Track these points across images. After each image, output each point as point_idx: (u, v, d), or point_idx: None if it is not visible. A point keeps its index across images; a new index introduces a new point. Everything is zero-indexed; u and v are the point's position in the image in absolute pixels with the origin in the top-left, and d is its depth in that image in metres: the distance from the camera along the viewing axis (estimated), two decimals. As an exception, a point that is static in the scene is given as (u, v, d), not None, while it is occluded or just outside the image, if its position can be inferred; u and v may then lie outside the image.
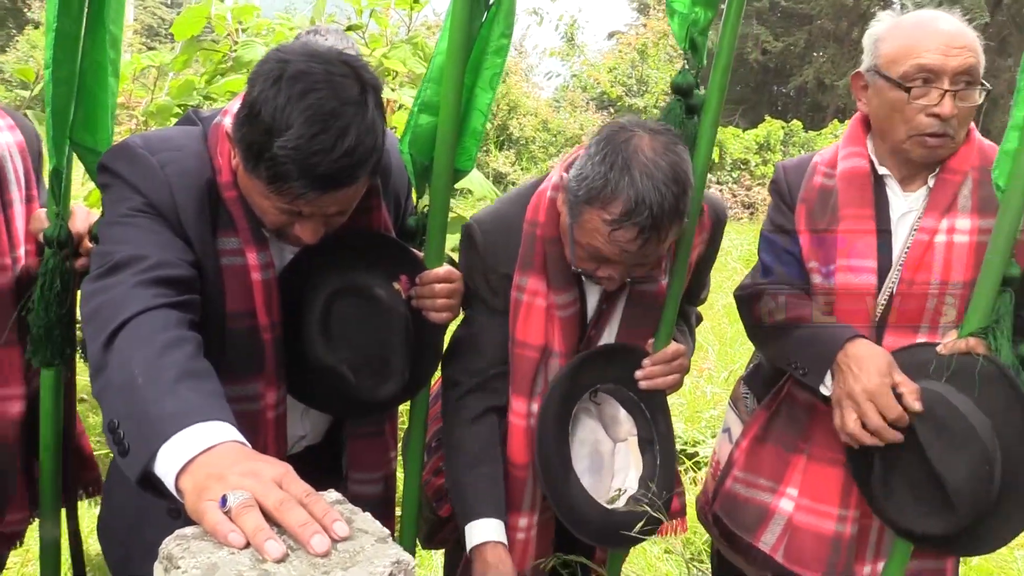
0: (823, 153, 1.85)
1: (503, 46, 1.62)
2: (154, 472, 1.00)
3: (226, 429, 1.00)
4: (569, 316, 1.67)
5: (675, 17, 1.60)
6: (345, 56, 1.29)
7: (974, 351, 1.53)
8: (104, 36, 1.51)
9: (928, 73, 1.59)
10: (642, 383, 1.71)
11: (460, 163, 1.67)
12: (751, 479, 1.87)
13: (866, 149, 1.76)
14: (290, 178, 1.23)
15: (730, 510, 1.88)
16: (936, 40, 1.60)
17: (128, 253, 1.25)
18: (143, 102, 4.22)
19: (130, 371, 1.08)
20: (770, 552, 1.80)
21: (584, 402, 1.75)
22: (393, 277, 1.57)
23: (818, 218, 1.76)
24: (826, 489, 1.75)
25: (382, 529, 0.90)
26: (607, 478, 1.77)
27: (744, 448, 1.90)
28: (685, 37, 1.59)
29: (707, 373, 4.97)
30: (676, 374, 1.73)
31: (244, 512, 0.85)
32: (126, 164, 1.35)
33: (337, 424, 1.71)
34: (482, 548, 1.62)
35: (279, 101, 1.21)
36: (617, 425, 1.79)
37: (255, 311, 1.42)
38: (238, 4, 3.93)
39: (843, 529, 1.73)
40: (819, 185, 1.79)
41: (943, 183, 1.67)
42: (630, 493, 1.73)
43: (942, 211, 1.66)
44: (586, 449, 1.76)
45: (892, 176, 1.73)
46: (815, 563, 1.75)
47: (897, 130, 1.65)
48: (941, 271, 1.63)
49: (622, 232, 1.44)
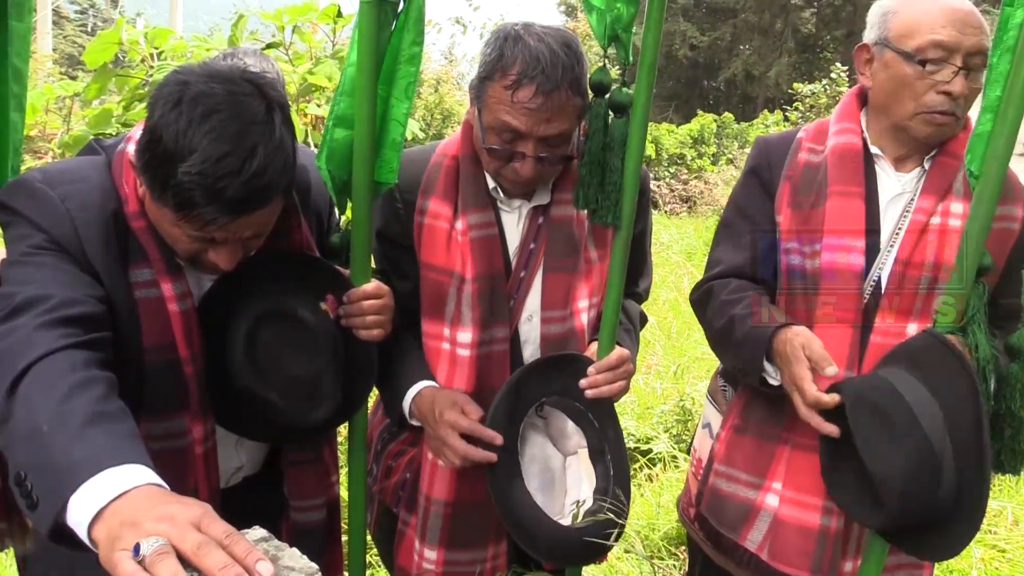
0: (808, 128, 1.78)
1: (415, 54, 1.59)
2: (67, 524, 0.95)
3: (140, 472, 0.96)
4: (483, 237, 1.66)
5: (593, 13, 1.54)
6: (248, 74, 1.25)
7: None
8: (6, 69, 1.44)
9: (943, 50, 1.54)
10: (588, 392, 1.67)
11: (382, 176, 1.63)
12: (732, 472, 1.77)
13: (859, 126, 1.71)
14: (198, 204, 1.18)
15: (714, 508, 1.79)
16: (952, 17, 1.54)
17: (30, 294, 1.19)
18: (58, 133, 4.10)
19: (35, 419, 1.02)
20: (756, 551, 1.71)
21: (531, 417, 1.71)
22: (319, 297, 1.52)
23: (803, 195, 1.69)
24: (810, 479, 1.65)
25: (310, 565, 0.87)
26: (560, 494, 1.74)
27: (724, 439, 1.80)
28: (604, 34, 1.54)
29: (655, 369, 4.99)
30: (622, 381, 1.69)
31: (158, 560, 0.82)
32: (24, 200, 1.29)
33: (276, 452, 1.66)
34: (417, 396, 1.66)
35: (180, 125, 1.17)
36: (566, 439, 1.76)
37: (175, 344, 1.37)
38: (151, 28, 3.83)
39: (828, 522, 1.65)
40: (804, 162, 1.72)
41: (941, 166, 1.63)
42: (587, 507, 1.69)
43: (939, 193, 1.61)
44: (536, 466, 1.72)
45: (885, 155, 1.68)
46: (800, 559, 1.66)
47: (905, 106, 1.60)
48: (935, 253, 1.59)
49: (522, 91, 1.51)
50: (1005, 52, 1.41)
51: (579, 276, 1.72)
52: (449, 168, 1.70)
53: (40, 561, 1.53)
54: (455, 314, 1.68)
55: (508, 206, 1.72)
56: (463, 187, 1.68)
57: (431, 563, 1.75)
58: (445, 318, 1.69)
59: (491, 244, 1.68)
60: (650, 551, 3.17)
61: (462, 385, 1.68)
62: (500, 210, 1.72)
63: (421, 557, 1.77)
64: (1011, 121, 1.39)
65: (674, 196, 14.98)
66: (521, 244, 1.73)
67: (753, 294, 1.71)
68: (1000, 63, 1.42)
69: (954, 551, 1.50)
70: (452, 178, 1.69)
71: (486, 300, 1.67)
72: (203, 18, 20.49)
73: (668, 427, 4.22)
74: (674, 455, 3.94)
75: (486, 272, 1.66)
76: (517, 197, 1.72)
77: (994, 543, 3.22)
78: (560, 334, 1.72)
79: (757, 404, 1.76)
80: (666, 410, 4.36)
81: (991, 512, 3.47)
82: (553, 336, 1.72)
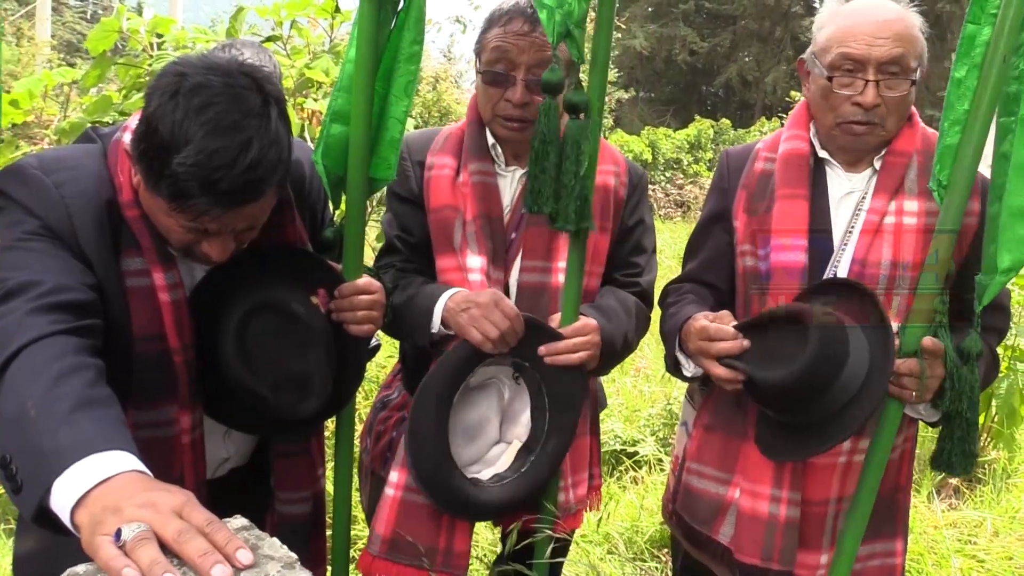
0: (766, 139, 1.85)
1: (415, 53, 1.60)
2: (50, 507, 0.96)
3: (125, 459, 0.97)
4: (482, 183, 1.80)
5: (544, 11, 1.49)
6: (246, 67, 1.26)
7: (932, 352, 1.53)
8: None
9: (853, 62, 1.61)
10: (546, 359, 1.69)
11: (379, 172, 1.64)
12: (702, 469, 1.82)
13: (807, 132, 1.77)
14: (192, 195, 1.19)
15: (687, 504, 1.84)
16: (864, 29, 1.61)
17: (22, 279, 1.19)
18: (55, 120, 4.09)
19: (22, 403, 1.03)
20: (728, 543, 1.75)
21: (504, 375, 1.75)
22: (311, 291, 1.53)
23: (757, 201, 1.76)
24: (760, 469, 1.72)
25: (289, 555, 0.88)
26: (473, 452, 1.77)
27: (695, 437, 1.86)
28: (554, 31, 1.49)
29: (643, 372, 5.01)
30: (584, 351, 1.69)
31: (139, 545, 0.83)
32: (19, 186, 1.29)
33: (263, 444, 1.67)
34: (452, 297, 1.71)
35: (177, 116, 1.17)
36: (514, 426, 1.78)
37: (165, 334, 1.37)
38: (155, 17, 3.82)
39: (777, 511, 1.69)
40: (760, 170, 1.79)
41: (890, 165, 1.68)
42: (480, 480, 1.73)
43: (890, 192, 1.67)
44: (475, 415, 1.76)
45: (834, 159, 1.74)
46: (751, 547, 1.71)
47: (826, 117, 1.68)
48: (892, 252, 1.63)
49: (513, 24, 1.70)
50: (972, 68, 1.47)
51: (560, 235, 1.78)
52: (455, 134, 1.87)
53: (25, 562, 1.53)
54: (462, 243, 1.78)
55: (503, 170, 1.84)
56: (467, 143, 1.83)
57: (392, 486, 1.77)
58: (454, 246, 1.78)
59: (489, 189, 1.80)
60: (633, 553, 3.19)
61: None
62: (497, 173, 1.83)
63: (384, 483, 1.80)
64: (978, 133, 1.46)
65: (669, 200, 15.02)
66: (513, 207, 1.83)
67: (689, 295, 1.84)
68: (968, 78, 1.48)
69: (811, 450, 1.61)
70: (458, 140, 1.85)
71: (487, 238, 1.78)
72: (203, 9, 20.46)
73: (655, 430, 4.24)
74: (659, 458, 3.96)
75: (484, 212, 1.78)
76: (512, 163, 1.84)
77: (973, 553, 3.24)
78: (534, 284, 1.79)
79: (724, 403, 1.82)
80: (653, 413, 4.38)
81: (971, 522, 3.51)
82: (527, 285, 1.79)
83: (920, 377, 1.53)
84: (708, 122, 17.37)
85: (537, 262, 1.80)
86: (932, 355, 1.53)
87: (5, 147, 3.96)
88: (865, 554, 1.74)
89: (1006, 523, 3.52)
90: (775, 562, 1.69)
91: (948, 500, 3.80)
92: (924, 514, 3.52)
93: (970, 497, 3.82)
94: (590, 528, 3.18)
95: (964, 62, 1.48)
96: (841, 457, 1.69)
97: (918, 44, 1.63)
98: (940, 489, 3.85)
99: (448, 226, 1.79)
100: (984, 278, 1.49)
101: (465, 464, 1.74)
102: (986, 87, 1.44)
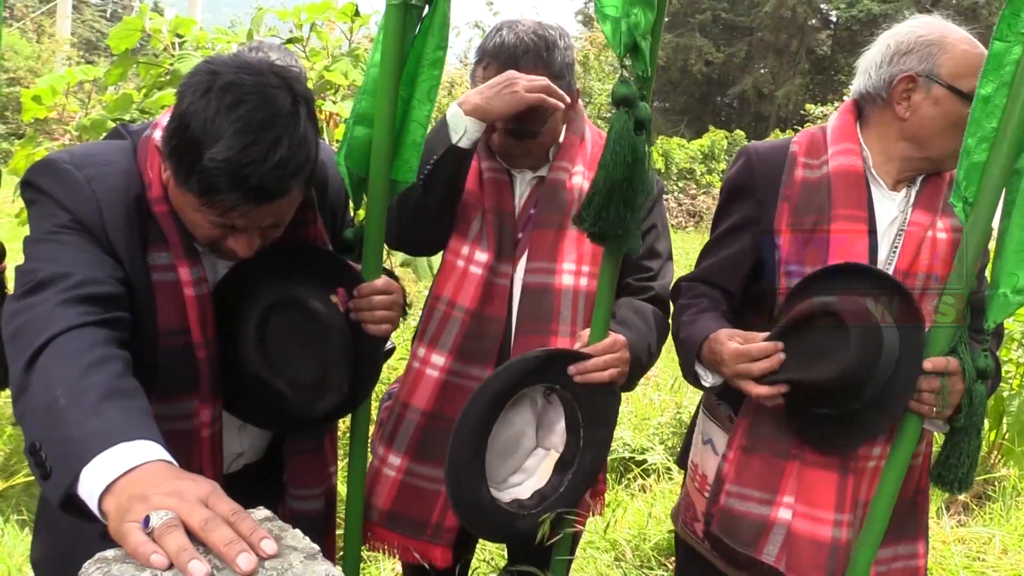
0: (798, 141, 1.79)
1: (439, 58, 1.62)
2: (78, 494, 0.97)
3: (152, 448, 0.98)
4: (495, 179, 1.88)
5: (607, 22, 1.47)
6: (276, 67, 1.28)
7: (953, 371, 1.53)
8: None
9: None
10: (576, 378, 1.68)
11: (400, 175, 1.66)
12: (744, 491, 1.77)
13: (859, 147, 1.73)
14: (221, 190, 1.22)
15: (728, 527, 1.78)
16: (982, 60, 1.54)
17: (53, 271, 1.22)
18: (77, 116, 4.13)
19: (53, 392, 1.05)
20: (775, 563, 1.72)
21: (535, 392, 1.75)
22: (330, 290, 1.55)
23: (803, 214, 1.70)
24: (822, 494, 1.69)
25: (312, 545, 0.89)
26: (509, 467, 1.78)
27: (732, 460, 1.80)
28: (620, 43, 1.48)
29: (653, 380, 5.01)
30: (613, 368, 1.69)
31: (167, 532, 0.84)
32: (51, 180, 1.32)
33: (276, 441, 1.69)
34: None
35: (209, 113, 1.20)
36: (550, 435, 1.79)
37: (188, 328, 1.40)
38: (177, 17, 3.86)
39: (839, 534, 1.68)
40: (802, 179, 1.73)
41: (933, 184, 1.71)
42: (520, 497, 1.72)
43: (929, 209, 1.69)
44: (509, 432, 1.76)
45: (881, 178, 1.72)
46: (814, 570, 1.69)
47: (950, 143, 1.62)
48: (928, 265, 1.65)
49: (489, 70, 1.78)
50: (1002, 86, 1.46)
51: (566, 236, 1.84)
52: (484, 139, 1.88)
53: (43, 552, 1.55)
54: (478, 235, 1.85)
55: (514, 171, 1.90)
56: (480, 148, 1.86)
57: (393, 468, 1.86)
58: (468, 236, 1.86)
59: (502, 186, 1.88)
60: (640, 561, 3.19)
61: (465, 302, 1.83)
62: (510, 172, 1.90)
63: (383, 462, 1.88)
64: (1006, 152, 1.45)
65: (682, 210, 15.01)
66: (522, 209, 1.89)
67: (704, 301, 1.81)
68: (996, 96, 1.47)
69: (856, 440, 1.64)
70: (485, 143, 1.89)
71: (497, 232, 1.84)
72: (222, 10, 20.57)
73: (664, 439, 4.24)
74: (668, 467, 3.96)
75: (496, 206, 1.85)
76: (518, 167, 1.90)
77: (982, 571, 3.23)
78: (538, 284, 1.83)
79: (764, 423, 1.77)
80: (663, 422, 4.38)
81: (980, 539, 3.50)
82: (530, 285, 1.84)
83: (941, 393, 1.53)
84: (722, 133, 17.38)
85: (542, 263, 1.83)
86: (953, 373, 1.53)
87: (27, 142, 4.01)
88: (889, 556, 1.74)
89: (1015, 541, 3.51)
90: None
91: (957, 516, 3.79)
92: (933, 530, 3.51)
93: (979, 514, 3.81)
94: (597, 535, 3.19)
95: (991, 79, 1.47)
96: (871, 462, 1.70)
97: None
98: (949, 505, 3.84)
99: (469, 213, 1.86)
100: (992, 293, 1.49)
101: (504, 477, 1.76)
102: (1015, 107, 1.43)
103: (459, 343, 1.83)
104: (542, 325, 1.82)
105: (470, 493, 1.64)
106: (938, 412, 1.56)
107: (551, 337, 1.81)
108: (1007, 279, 1.47)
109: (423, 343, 1.87)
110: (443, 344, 1.84)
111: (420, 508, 1.86)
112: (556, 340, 1.80)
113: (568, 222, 1.82)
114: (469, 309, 1.83)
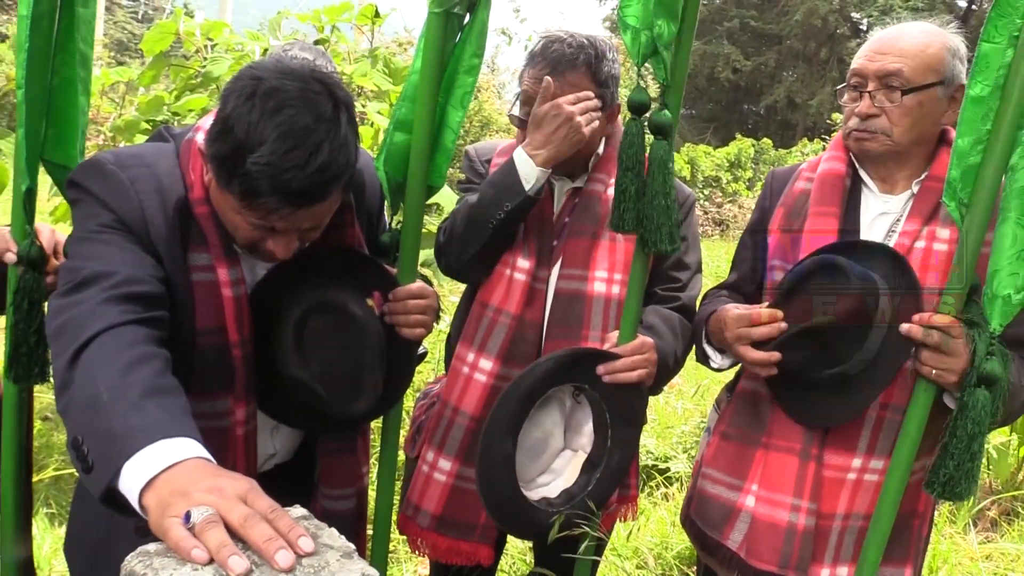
0: (811, 160, 1.90)
1: (474, 66, 1.64)
2: (118, 489, 0.99)
3: (191, 445, 1.00)
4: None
5: (628, 32, 1.52)
6: (318, 73, 1.30)
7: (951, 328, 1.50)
8: (74, 54, 1.50)
9: (857, 77, 1.72)
10: (605, 377, 1.71)
11: (432, 179, 1.68)
12: (716, 475, 1.86)
13: (846, 154, 1.81)
14: (263, 193, 1.23)
15: (700, 509, 1.88)
16: (871, 46, 1.71)
17: (96, 269, 1.24)
18: (111, 117, 4.19)
19: (95, 388, 1.07)
20: (736, 550, 1.78)
21: (563, 392, 1.77)
22: (366, 293, 1.57)
23: (792, 219, 1.82)
24: (780, 478, 1.74)
25: (348, 544, 0.90)
26: (537, 467, 1.80)
27: (712, 444, 1.90)
28: (639, 53, 1.52)
29: (677, 388, 4.99)
30: (641, 369, 1.72)
31: (208, 528, 0.86)
32: (96, 180, 1.34)
33: (306, 442, 1.71)
34: None
35: (252, 117, 1.21)
36: (578, 436, 1.80)
37: (225, 328, 1.41)
38: (208, 21, 3.92)
39: (796, 519, 1.71)
40: (799, 190, 1.84)
41: (926, 190, 1.70)
42: (548, 495, 1.75)
43: (924, 218, 1.68)
44: (538, 432, 1.78)
45: (871, 179, 1.77)
46: (769, 554, 1.73)
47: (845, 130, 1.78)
48: (919, 276, 1.61)
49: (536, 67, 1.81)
50: (996, 89, 1.46)
51: (599, 246, 1.87)
52: (513, 145, 1.93)
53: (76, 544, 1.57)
54: (520, 242, 1.87)
55: (552, 180, 1.91)
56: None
57: (443, 473, 1.88)
58: (513, 244, 1.88)
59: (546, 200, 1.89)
60: (662, 569, 3.19)
61: (511, 308, 1.86)
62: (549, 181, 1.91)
63: (433, 467, 1.89)
64: (999, 153, 1.46)
65: (707, 218, 14.95)
66: (558, 216, 1.92)
67: (724, 296, 1.91)
68: (990, 98, 1.47)
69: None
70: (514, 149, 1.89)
71: (536, 236, 1.87)
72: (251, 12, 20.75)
73: (687, 448, 4.23)
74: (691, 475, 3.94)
75: (537, 214, 1.87)
76: (557, 175, 1.92)
77: (1011, 587, 3.19)
78: (571, 291, 1.86)
79: (742, 411, 1.86)
80: (686, 431, 4.37)
81: (1008, 555, 3.45)
82: (563, 292, 1.87)
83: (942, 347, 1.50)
84: (749, 141, 17.30)
85: (575, 270, 1.86)
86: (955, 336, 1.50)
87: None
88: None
89: (1044, 558, 3.46)
90: (791, 569, 1.72)
91: (985, 532, 3.74)
92: (960, 545, 3.47)
93: (1008, 530, 3.76)
94: (620, 542, 3.18)
95: (980, 80, 1.47)
96: (851, 474, 1.70)
97: (935, 61, 1.65)
98: (976, 521, 3.79)
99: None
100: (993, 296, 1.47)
101: (533, 477, 1.77)
102: (1006, 109, 1.44)
103: (506, 348, 1.86)
104: (572, 330, 1.84)
105: (502, 491, 1.67)
106: (938, 376, 1.52)
107: (581, 343, 1.83)
108: (1008, 280, 1.45)
109: (471, 348, 1.89)
110: (490, 349, 1.87)
111: (470, 510, 1.90)
112: (586, 345, 1.82)
113: (602, 232, 1.87)
114: (514, 314, 1.86)
